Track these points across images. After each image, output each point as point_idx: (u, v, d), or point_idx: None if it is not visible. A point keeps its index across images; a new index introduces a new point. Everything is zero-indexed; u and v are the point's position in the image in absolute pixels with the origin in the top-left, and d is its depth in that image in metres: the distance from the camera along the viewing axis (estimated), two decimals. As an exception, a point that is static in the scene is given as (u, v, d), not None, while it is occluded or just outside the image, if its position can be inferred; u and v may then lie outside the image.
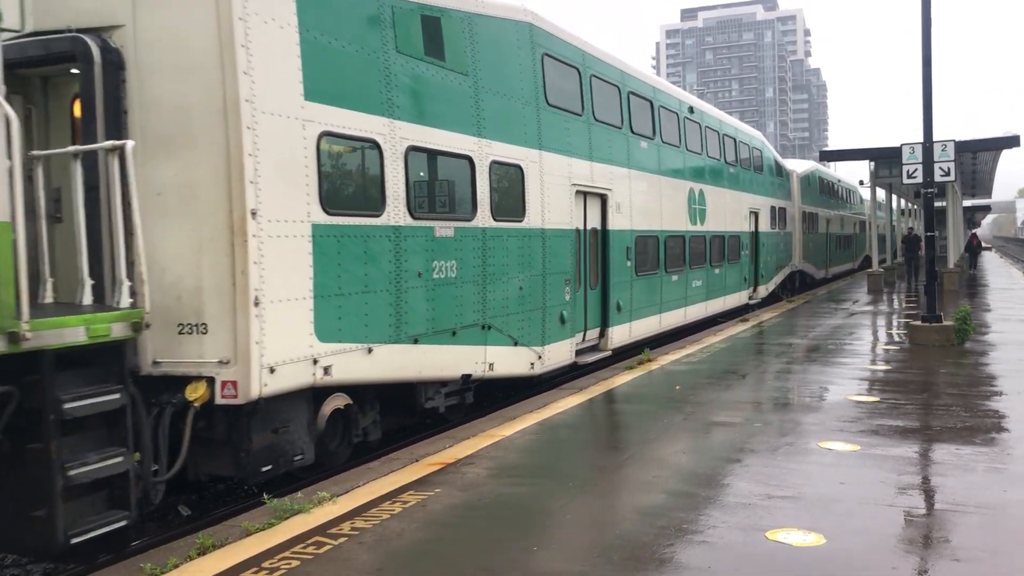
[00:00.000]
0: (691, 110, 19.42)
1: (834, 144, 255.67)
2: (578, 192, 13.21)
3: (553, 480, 7.16)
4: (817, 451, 7.91)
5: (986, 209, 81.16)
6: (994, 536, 5.70)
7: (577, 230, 13.17)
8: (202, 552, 5.65)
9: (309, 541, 5.80)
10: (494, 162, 10.74)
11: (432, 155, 9.72)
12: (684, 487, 6.85)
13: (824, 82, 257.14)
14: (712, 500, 6.48)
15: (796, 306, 24.41)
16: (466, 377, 10.31)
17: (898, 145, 17.02)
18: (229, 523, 6.43)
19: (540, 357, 11.84)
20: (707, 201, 20.03)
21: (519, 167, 11.41)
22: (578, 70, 13.48)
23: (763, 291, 25.70)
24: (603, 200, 14.24)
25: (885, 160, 29.45)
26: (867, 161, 30.95)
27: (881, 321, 20.47)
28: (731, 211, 22.23)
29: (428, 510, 6.44)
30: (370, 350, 8.44)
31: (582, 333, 13.49)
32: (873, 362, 13.59)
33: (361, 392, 8.80)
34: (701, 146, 20.02)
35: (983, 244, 61.04)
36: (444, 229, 9.70)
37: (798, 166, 32.83)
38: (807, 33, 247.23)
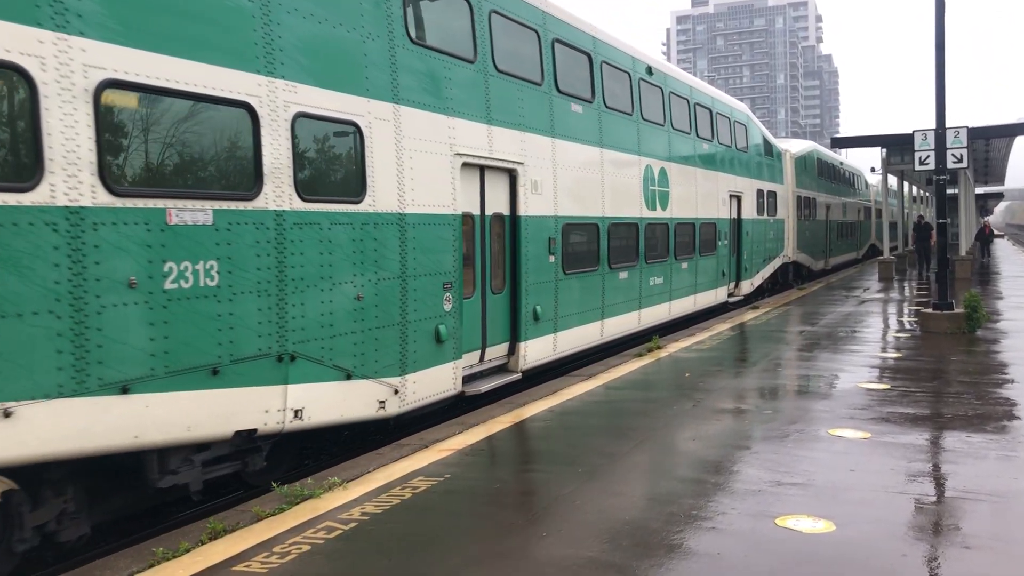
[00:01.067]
0: (650, 71, 16.03)
1: (846, 131, 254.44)
2: (467, 165, 10.12)
3: (563, 466, 7.17)
4: (827, 438, 7.90)
5: (999, 196, 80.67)
6: (1005, 524, 5.68)
7: (467, 216, 10.19)
8: (213, 536, 5.70)
9: (320, 526, 5.83)
10: (301, 115, 7.59)
11: (164, 97, 6.49)
12: (693, 474, 6.85)
13: (836, 68, 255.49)
14: (721, 487, 6.48)
15: (807, 294, 24.33)
16: (246, 434, 7.10)
17: (910, 132, 16.91)
18: (240, 508, 6.47)
19: (397, 391, 8.77)
20: (671, 182, 16.91)
21: (354, 125, 8.28)
22: (467, 0, 10.38)
23: (747, 287, 22.82)
24: (512, 177, 11.18)
25: (897, 147, 29.31)
26: (879, 148, 30.74)
27: (892, 309, 20.38)
28: (704, 194, 19.05)
29: (438, 496, 6.46)
30: (8, 413, 5.39)
31: (478, 352, 10.58)
32: (884, 350, 13.54)
33: (39, 471, 5.94)
34: (663, 115, 16.74)
35: (995, 232, 60.58)
36: (189, 212, 6.55)
37: (793, 146, 30.18)
38: (819, 19, 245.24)
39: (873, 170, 42.96)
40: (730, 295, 21.53)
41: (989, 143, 30.30)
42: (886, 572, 4.87)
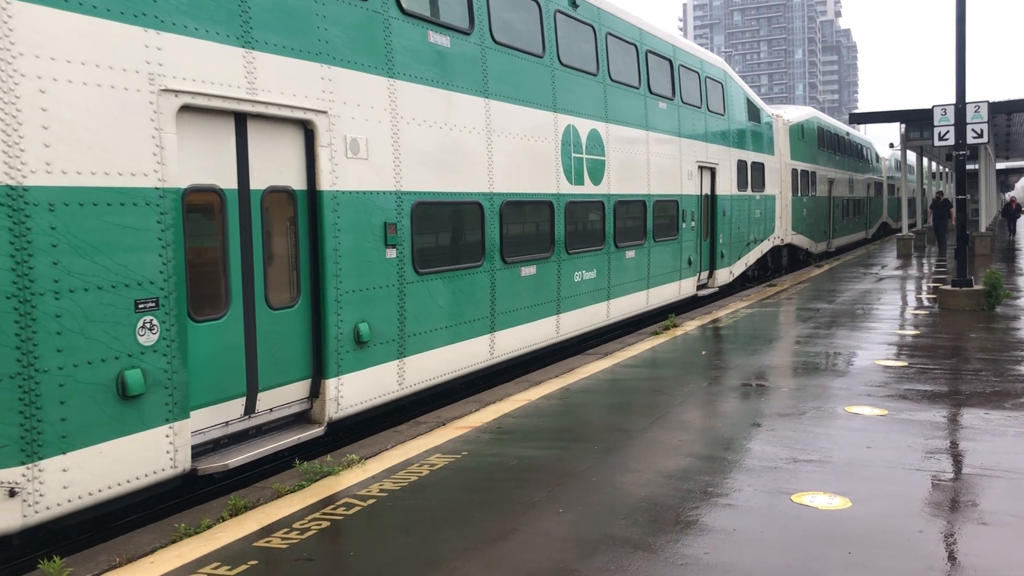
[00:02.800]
0: (574, 3, 12.33)
1: (865, 106, 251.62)
2: (196, 110, 6.55)
3: (579, 443, 7.21)
4: (844, 415, 7.89)
5: (1020, 172, 79.76)
6: (1023, 501, 5.67)
7: (204, 192, 6.72)
8: (234, 513, 5.77)
9: (339, 503, 5.90)
10: None
11: None
12: (709, 451, 6.87)
13: (854, 43, 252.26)
14: (737, 464, 6.50)
15: (824, 271, 24.20)
16: None
17: (930, 107, 16.71)
18: (260, 485, 6.55)
19: (15, 492, 5.26)
20: (607, 148, 13.32)
21: None
22: None
23: (724, 275, 19.43)
24: (308, 133, 7.70)
25: (916, 122, 28.96)
26: (898, 123, 30.41)
27: (910, 286, 20.24)
28: (660, 165, 15.46)
29: (456, 473, 6.52)
30: None
31: (241, 400, 7.05)
32: (902, 327, 13.47)
33: None
34: (596, 63, 13.06)
35: (1022, 208, 59.76)
36: None
37: (788, 112, 26.95)
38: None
39: (892, 146, 42.26)
40: (699, 287, 18.19)
41: (1011, 117, 29.88)
42: (902, 548, 4.88)
